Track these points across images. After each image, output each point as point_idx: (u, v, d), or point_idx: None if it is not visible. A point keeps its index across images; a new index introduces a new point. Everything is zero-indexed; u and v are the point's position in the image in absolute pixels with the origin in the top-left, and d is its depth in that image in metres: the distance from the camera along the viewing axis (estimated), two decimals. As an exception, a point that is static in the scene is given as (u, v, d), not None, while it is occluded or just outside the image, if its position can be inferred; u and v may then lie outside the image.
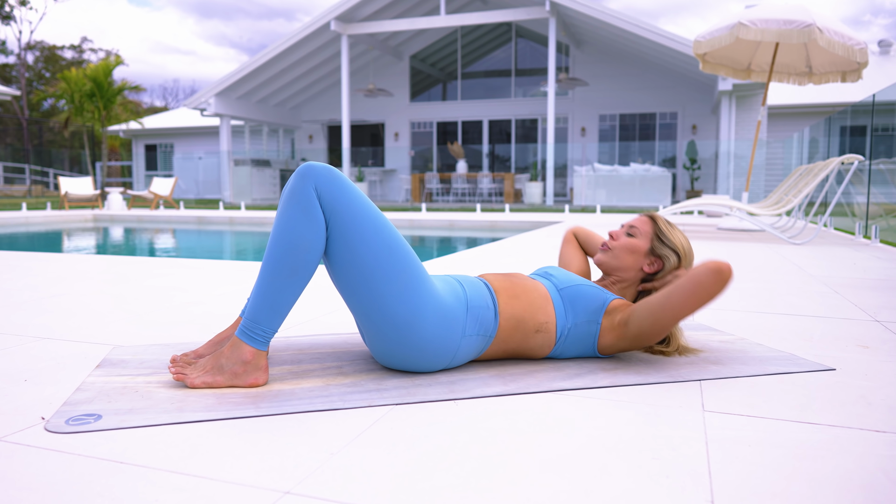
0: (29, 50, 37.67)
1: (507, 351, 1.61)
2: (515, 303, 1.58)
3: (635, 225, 1.77)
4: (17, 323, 2.09)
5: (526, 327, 1.58)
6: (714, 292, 1.47)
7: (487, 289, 1.60)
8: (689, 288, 1.48)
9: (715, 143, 15.81)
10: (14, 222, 9.72)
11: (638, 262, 1.74)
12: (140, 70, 69.55)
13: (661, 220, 1.78)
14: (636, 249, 1.74)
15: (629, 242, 1.75)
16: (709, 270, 1.45)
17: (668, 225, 1.76)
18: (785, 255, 4.30)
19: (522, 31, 18.47)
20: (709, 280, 1.45)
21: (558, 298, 1.62)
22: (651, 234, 1.75)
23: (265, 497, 0.94)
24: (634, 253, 1.74)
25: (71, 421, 1.22)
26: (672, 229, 1.76)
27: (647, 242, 1.74)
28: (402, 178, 17.86)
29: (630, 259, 1.74)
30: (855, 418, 1.28)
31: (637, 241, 1.74)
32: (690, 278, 1.48)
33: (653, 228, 1.75)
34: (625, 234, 1.77)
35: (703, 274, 1.46)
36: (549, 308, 1.60)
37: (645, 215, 1.80)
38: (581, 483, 0.99)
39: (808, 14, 6.08)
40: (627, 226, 1.78)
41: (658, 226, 1.76)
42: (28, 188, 22.55)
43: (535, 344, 1.61)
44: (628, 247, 1.74)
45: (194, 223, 10.48)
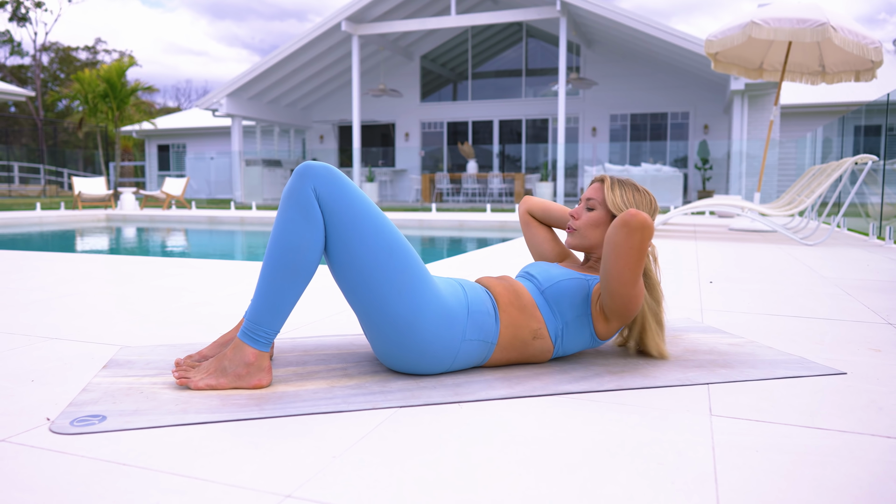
0: (44, 51, 38.01)
1: (512, 358, 1.60)
2: (512, 310, 1.56)
3: (591, 196, 1.71)
4: (26, 323, 2.10)
5: (523, 335, 1.57)
6: (634, 244, 1.41)
7: (487, 294, 1.59)
8: (611, 250, 1.45)
9: (727, 143, 15.70)
10: (28, 222, 9.81)
11: (605, 233, 1.67)
12: (153, 71, 70.04)
13: (609, 179, 1.70)
14: (599, 221, 1.69)
15: (590, 217, 1.69)
16: (615, 227, 1.42)
17: (615, 183, 1.69)
18: (796, 256, 4.25)
19: (533, 30, 18.42)
20: (621, 237, 1.42)
21: (543, 301, 1.59)
22: (606, 200, 1.68)
23: (266, 500, 0.94)
24: (599, 226, 1.69)
25: (75, 422, 1.23)
26: (624, 186, 1.68)
27: (605, 210, 1.68)
28: (412, 179, 17.87)
29: (598, 233, 1.69)
30: (865, 424, 1.26)
31: (597, 213, 1.69)
32: (607, 240, 1.45)
33: (603, 193, 1.69)
34: (584, 209, 1.72)
35: (613, 233, 1.43)
36: (537, 314, 1.58)
37: (597, 182, 1.72)
38: (584, 488, 0.98)
39: (821, 13, 6.02)
40: (585, 199, 1.72)
41: (605, 189, 1.68)
42: (43, 188, 22.75)
43: (535, 350, 1.59)
44: (591, 222, 1.69)
45: (205, 223, 10.53)
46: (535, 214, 1.94)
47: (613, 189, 1.68)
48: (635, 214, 1.40)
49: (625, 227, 1.41)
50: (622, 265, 1.45)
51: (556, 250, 1.90)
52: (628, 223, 1.41)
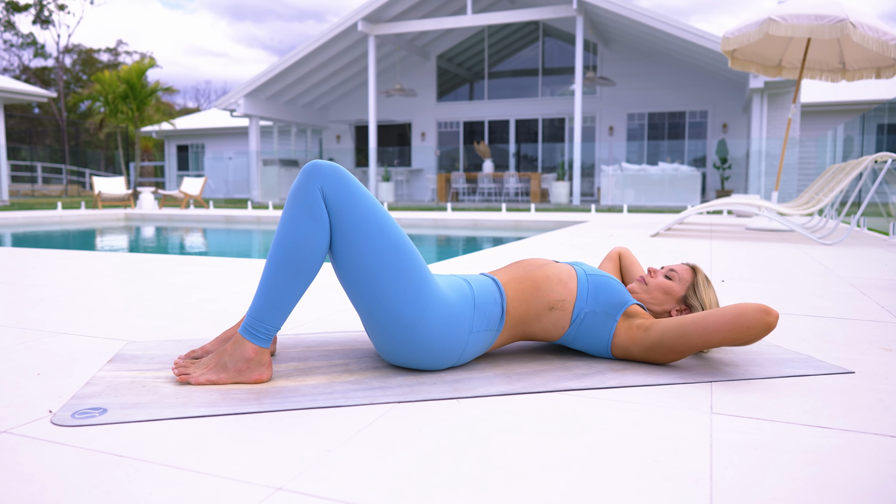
0: (67, 53, 38.57)
1: (517, 335, 1.61)
2: (524, 285, 1.58)
3: (676, 270, 1.77)
4: (37, 318, 2.13)
5: (538, 306, 1.58)
6: (753, 329, 1.43)
7: (495, 284, 1.59)
8: (732, 317, 1.45)
9: (746, 142, 15.53)
10: (49, 221, 9.95)
11: (668, 305, 1.73)
12: (174, 72, 70.77)
13: (702, 273, 1.77)
14: (671, 291, 1.73)
15: (666, 284, 1.74)
16: (758, 308, 1.43)
17: (706, 280, 1.76)
18: (813, 256, 4.20)
19: (550, 29, 18.36)
20: (755, 316, 1.43)
21: (585, 281, 1.62)
22: (689, 283, 1.74)
23: (257, 493, 0.94)
24: (668, 294, 1.73)
25: (77, 414, 1.24)
26: (708, 286, 1.75)
27: (682, 289, 1.73)
28: (428, 178, 17.89)
29: (662, 298, 1.73)
30: (870, 423, 1.24)
31: (674, 284, 1.73)
32: (737, 308, 1.46)
33: (692, 278, 1.74)
34: (664, 275, 1.76)
35: (751, 309, 1.44)
36: (571, 285, 1.60)
37: (688, 265, 1.79)
38: (577, 484, 0.97)
39: (840, 9, 5.93)
40: (668, 269, 1.78)
41: (697, 278, 1.75)
42: (64, 188, 23.08)
43: (548, 323, 1.59)
44: (664, 287, 1.73)
45: (222, 222, 10.62)
46: (623, 259, 2.10)
47: (708, 286, 1.74)
48: (777, 315, 1.43)
49: (765, 314, 1.43)
50: (723, 333, 1.46)
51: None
52: (769, 313, 1.43)
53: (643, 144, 17.59)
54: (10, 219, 9.61)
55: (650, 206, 13.93)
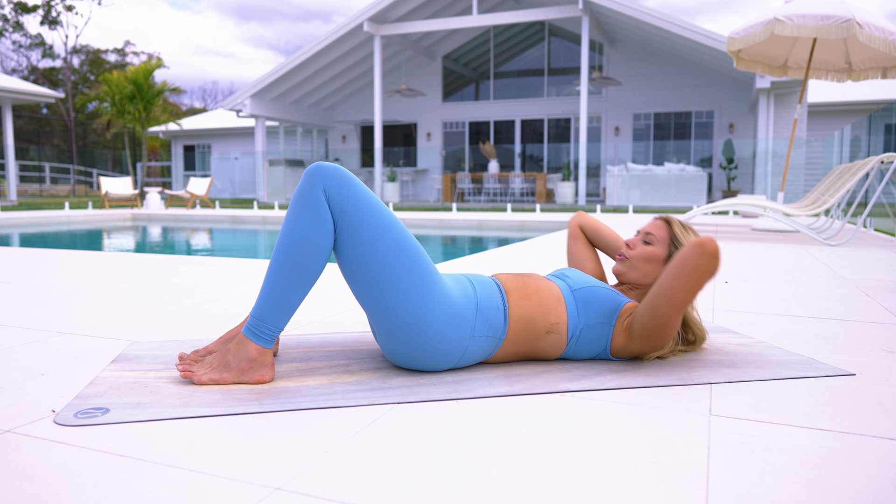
0: (74, 54, 38.76)
1: (519, 353, 1.60)
2: (526, 303, 1.57)
3: (651, 231, 1.73)
4: (42, 318, 2.15)
5: (536, 328, 1.57)
6: (701, 269, 1.40)
7: (499, 289, 1.59)
8: (677, 268, 1.43)
9: (753, 142, 15.48)
10: (56, 221, 10.01)
11: (657, 270, 1.70)
12: (181, 72, 71.02)
13: (676, 223, 1.73)
14: (654, 258, 1.70)
15: (647, 251, 1.71)
16: (691, 246, 1.40)
17: (683, 228, 1.71)
18: (818, 257, 4.18)
19: (555, 29, 18.34)
20: (693, 256, 1.40)
21: (572, 299, 1.60)
22: (668, 239, 1.70)
23: (256, 492, 0.95)
24: (653, 261, 1.70)
25: (79, 414, 1.25)
26: (688, 232, 1.71)
27: (664, 249, 1.70)
28: (433, 178, 17.90)
29: (648, 268, 1.71)
30: (869, 425, 1.24)
31: (655, 248, 1.70)
32: (676, 258, 1.44)
33: (669, 233, 1.71)
34: (641, 241, 1.73)
35: (686, 251, 1.41)
36: (560, 309, 1.59)
37: (660, 219, 1.75)
38: (573, 486, 0.98)
39: (846, 9, 5.91)
40: (643, 232, 1.74)
41: (674, 230, 1.71)
42: (72, 188, 23.20)
43: (546, 345, 1.59)
44: (646, 256, 1.70)
45: (228, 222, 10.66)
46: (586, 231, 1.98)
47: (686, 231, 1.70)
48: (712, 241, 1.40)
49: (700, 248, 1.39)
50: (679, 285, 1.43)
51: (594, 269, 1.94)
52: (704, 245, 1.39)
53: (649, 145, 17.55)
54: (18, 219, 9.67)
55: (656, 206, 13.90)
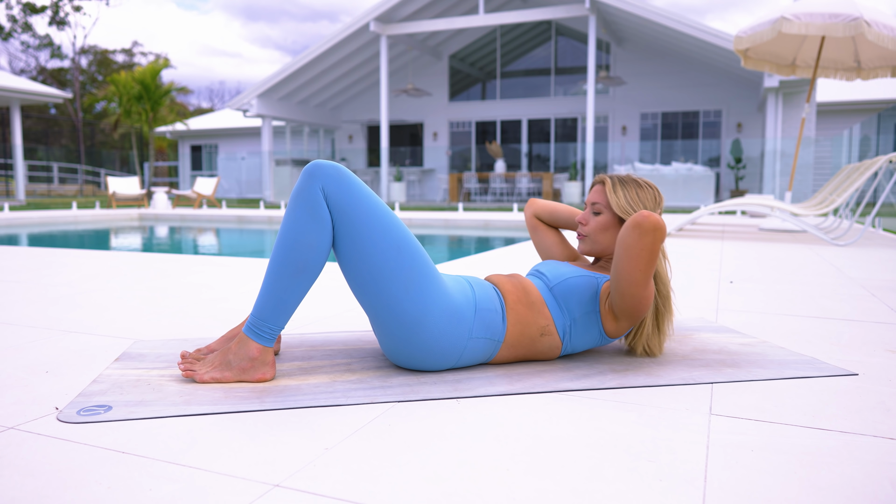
0: (83, 54, 38.96)
1: (519, 356, 1.60)
2: (520, 307, 1.57)
3: (595, 200, 1.70)
4: (48, 317, 2.16)
5: (531, 332, 1.57)
6: (646, 246, 1.41)
7: (496, 292, 1.59)
8: (622, 251, 1.44)
9: (761, 142, 15.41)
10: (63, 220, 10.07)
11: (615, 236, 1.68)
12: (188, 72, 71.27)
13: (610, 181, 1.68)
14: (608, 225, 1.68)
15: (598, 222, 1.69)
16: (628, 228, 1.41)
17: (617, 183, 1.67)
18: (825, 257, 4.17)
19: (562, 29, 18.31)
20: (633, 238, 1.41)
21: (551, 298, 1.60)
22: (610, 202, 1.66)
23: (254, 489, 0.96)
24: (608, 229, 1.68)
25: (82, 411, 1.26)
26: (626, 185, 1.66)
27: (612, 213, 1.67)
28: (440, 178, 17.90)
29: (608, 236, 1.69)
30: (870, 425, 1.23)
31: (604, 216, 1.68)
32: (619, 241, 1.44)
33: (608, 197, 1.68)
34: (591, 213, 1.71)
35: (625, 234, 1.42)
36: (545, 311, 1.58)
37: (599, 184, 1.71)
38: (570, 484, 0.98)
39: (854, 7, 5.88)
40: (589, 203, 1.72)
41: (607, 189, 1.67)
42: (80, 188, 23.32)
43: (543, 347, 1.60)
44: (600, 226, 1.69)
45: (234, 222, 10.69)
46: (542, 217, 1.93)
47: (616, 191, 1.66)
48: (647, 216, 1.39)
49: (637, 228, 1.40)
50: (633, 266, 1.44)
51: (565, 252, 1.90)
52: (640, 224, 1.40)
53: (656, 144, 17.50)
54: (27, 218, 9.74)
55: (664, 206, 13.85)
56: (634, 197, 1.66)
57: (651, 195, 1.68)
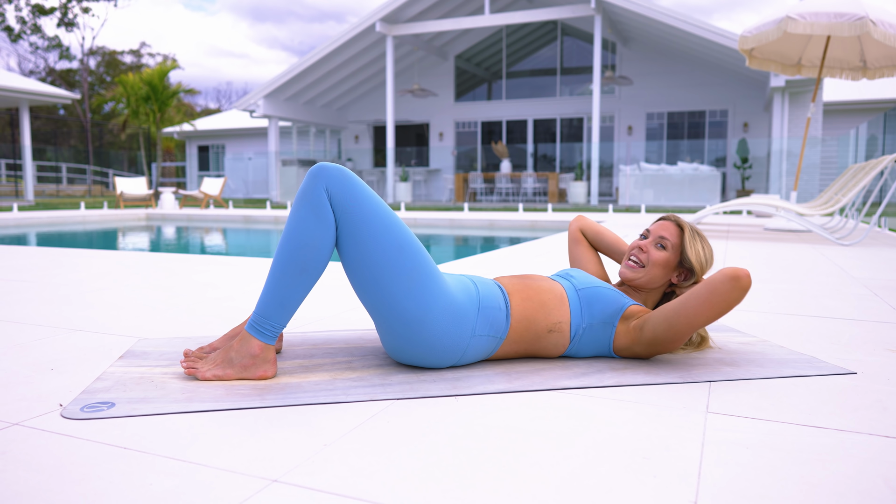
0: (91, 55, 39.18)
1: (520, 351, 1.62)
2: (528, 304, 1.59)
3: (665, 236, 1.72)
4: (53, 316, 2.19)
5: (538, 328, 1.59)
6: (731, 301, 1.43)
7: (500, 290, 1.61)
8: (705, 295, 1.45)
9: (767, 142, 15.36)
10: (72, 221, 10.13)
11: (668, 276, 1.72)
12: (195, 73, 71.52)
13: (688, 229, 1.72)
14: (668, 263, 1.71)
15: (662, 258, 1.70)
16: (726, 277, 1.42)
17: (694, 234, 1.71)
18: (829, 256, 4.16)
19: (568, 29, 18.30)
20: (725, 288, 1.42)
21: (576, 298, 1.62)
22: (680, 245, 1.70)
23: (253, 484, 0.98)
24: (667, 266, 1.71)
25: (85, 408, 1.28)
26: (697, 239, 1.71)
27: (677, 255, 1.70)
28: (446, 178, 17.92)
29: (661, 273, 1.71)
30: (866, 423, 1.24)
31: (669, 254, 1.70)
32: (707, 285, 1.46)
33: (680, 239, 1.71)
34: (654, 245, 1.72)
35: (719, 281, 1.43)
36: (563, 308, 1.61)
37: (673, 224, 1.74)
38: (565, 481, 0.99)
39: (860, 6, 5.86)
40: (656, 236, 1.73)
41: (684, 238, 1.71)
42: (88, 188, 23.45)
43: (548, 343, 1.61)
44: (661, 261, 1.70)
45: (241, 222, 10.74)
46: (587, 234, 2.00)
47: (694, 240, 1.71)
48: (747, 275, 1.41)
49: (734, 280, 1.41)
50: (706, 312, 1.46)
51: (598, 273, 1.96)
52: (739, 278, 1.40)
53: (662, 144, 17.47)
54: (35, 218, 9.80)
55: (669, 206, 13.84)
56: (703, 252, 1.71)
57: (712, 253, 1.74)
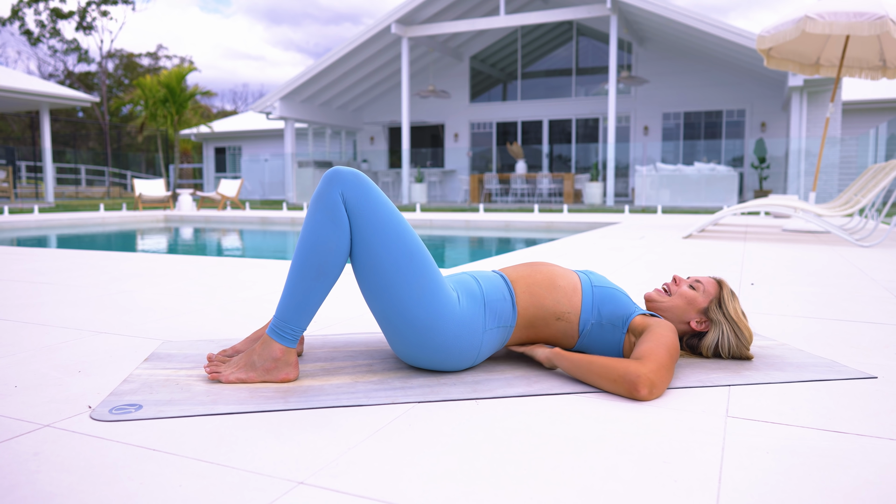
0: (109, 58, 39.62)
1: (531, 336, 1.65)
2: (535, 289, 1.61)
3: (702, 281, 1.74)
4: (79, 318, 2.23)
5: (546, 313, 1.61)
6: (617, 391, 1.41)
7: (503, 281, 1.63)
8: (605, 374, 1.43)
9: (785, 141, 15.22)
10: (91, 222, 10.26)
11: (688, 315, 1.70)
12: (212, 75, 72.09)
13: (727, 287, 1.73)
14: (694, 302, 1.70)
15: (690, 293, 1.71)
16: (624, 380, 1.38)
17: (731, 295, 1.71)
18: (849, 258, 4.12)
19: (583, 29, 18.24)
20: (620, 387, 1.40)
21: (590, 293, 1.64)
22: (714, 296, 1.70)
23: (280, 486, 1.00)
24: (690, 304, 1.70)
25: (114, 410, 1.31)
26: (733, 301, 1.70)
27: (706, 301, 1.70)
28: (461, 179, 17.92)
29: (683, 307, 1.71)
30: (887, 428, 1.24)
31: (698, 295, 1.71)
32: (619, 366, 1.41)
33: (717, 292, 1.71)
34: (688, 284, 1.74)
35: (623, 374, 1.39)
36: (575, 298, 1.62)
37: (714, 279, 1.75)
38: (587, 484, 1.00)
39: (880, 6, 5.80)
40: (693, 280, 1.75)
41: (723, 292, 1.71)
42: (107, 190, 23.72)
43: (557, 331, 1.63)
44: (688, 297, 1.71)
45: (258, 223, 10.82)
46: None
47: (733, 299, 1.70)
48: (646, 395, 1.37)
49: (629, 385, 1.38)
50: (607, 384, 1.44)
51: None
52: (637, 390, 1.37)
53: (679, 144, 17.36)
54: (56, 220, 9.94)
55: (686, 206, 13.75)
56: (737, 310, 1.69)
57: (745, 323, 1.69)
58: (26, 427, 1.24)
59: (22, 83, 15.85)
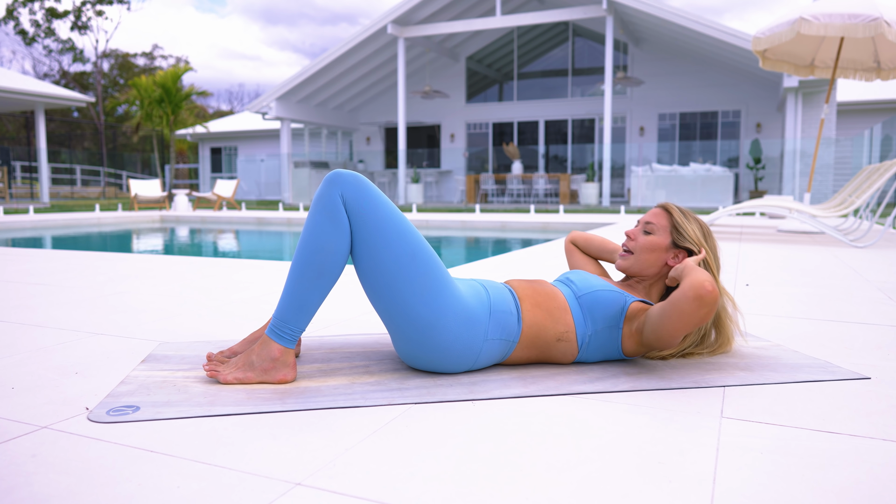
0: (104, 58, 39.54)
1: (531, 357, 1.64)
2: (537, 311, 1.60)
3: (651, 220, 1.74)
4: (75, 319, 2.23)
5: (547, 336, 1.60)
6: (699, 318, 1.42)
7: (511, 294, 1.63)
8: (673, 314, 1.44)
9: (781, 142, 15.27)
10: (87, 223, 10.24)
11: (661, 259, 1.71)
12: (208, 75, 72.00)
13: (676, 210, 1.73)
14: (657, 247, 1.71)
15: (649, 241, 1.72)
16: (688, 298, 1.40)
17: (683, 214, 1.72)
18: (843, 259, 4.14)
19: (579, 30, 18.27)
20: (690, 308, 1.40)
21: (577, 306, 1.63)
22: (669, 227, 1.71)
23: (277, 487, 1.00)
24: (655, 251, 1.71)
25: (111, 412, 1.31)
26: (688, 218, 1.72)
27: (666, 237, 1.71)
28: (457, 180, 17.94)
29: (652, 257, 1.71)
30: (880, 429, 1.25)
31: (656, 237, 1.71)
32: (674, 305, 1.43)
33: (669, 221, 1.72)
34: (642, 231, 1.74)
35: (684, 301, 1.41)
36: (567, 318, 1.61)
37: (659, 207, 1.75)
38: (582, 484, 1.01)
39: (874, 7, 5.83)
40: (643, 222, 1.75)
41: (674, 217, 1.72)
42: (102, 190, 23.67)
43: (557, 352, 1.63)
44: (649, 246, 1.71)
45: (254, 224, 10.81)
46: (578, 243, 2.05)
47: (686, 220, 1.71)
48: (711, 291, 1.39)
49: (697, 300, 1.39)
50: (680, 328, 1.45)
51: (595, 270, 1.99)
52: (702, 297, 1.39)
53: (674, 145, 17.40)
54: (51, 221, 9.92)
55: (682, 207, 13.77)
56: (699, 229, 1.72)
57: (708, 232, 1.74)
58: (23, 429, 1.24)
59: (17, 83, 15.80)
